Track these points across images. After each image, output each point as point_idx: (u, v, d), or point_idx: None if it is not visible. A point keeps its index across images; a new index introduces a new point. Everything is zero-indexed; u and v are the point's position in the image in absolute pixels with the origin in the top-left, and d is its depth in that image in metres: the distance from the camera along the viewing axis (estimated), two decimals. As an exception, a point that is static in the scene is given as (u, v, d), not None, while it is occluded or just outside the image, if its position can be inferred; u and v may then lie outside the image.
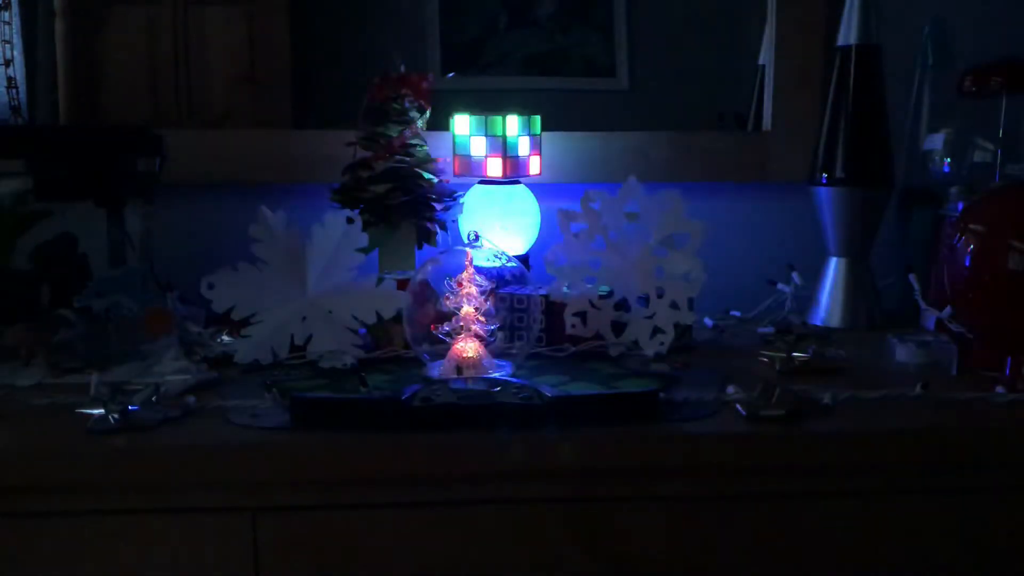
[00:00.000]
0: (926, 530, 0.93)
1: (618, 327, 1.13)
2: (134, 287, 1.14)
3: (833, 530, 0.92)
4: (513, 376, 1.02)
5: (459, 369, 1.02)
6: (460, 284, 1.02)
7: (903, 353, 1.12)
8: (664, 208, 1.12)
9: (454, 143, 1.30)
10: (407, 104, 1.28)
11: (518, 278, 1.08)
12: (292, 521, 0.89)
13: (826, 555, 0.93)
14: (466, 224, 1.30)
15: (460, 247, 1.06)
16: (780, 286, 1.34)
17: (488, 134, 1.27)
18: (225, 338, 1.15)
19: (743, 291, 1.36)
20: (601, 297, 1.13)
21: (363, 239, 1.09)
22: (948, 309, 1.12)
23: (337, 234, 1.08)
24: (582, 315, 1.13)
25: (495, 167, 1.28)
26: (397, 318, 1.08)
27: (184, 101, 1.45)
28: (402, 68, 1.28)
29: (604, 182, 1.24)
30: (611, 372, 1.07)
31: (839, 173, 1.28)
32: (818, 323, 1.31)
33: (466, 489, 0.90)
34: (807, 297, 1.34)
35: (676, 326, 1.12)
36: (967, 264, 1.05)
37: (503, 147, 1.27)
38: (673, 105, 1.52)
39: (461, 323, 1.02)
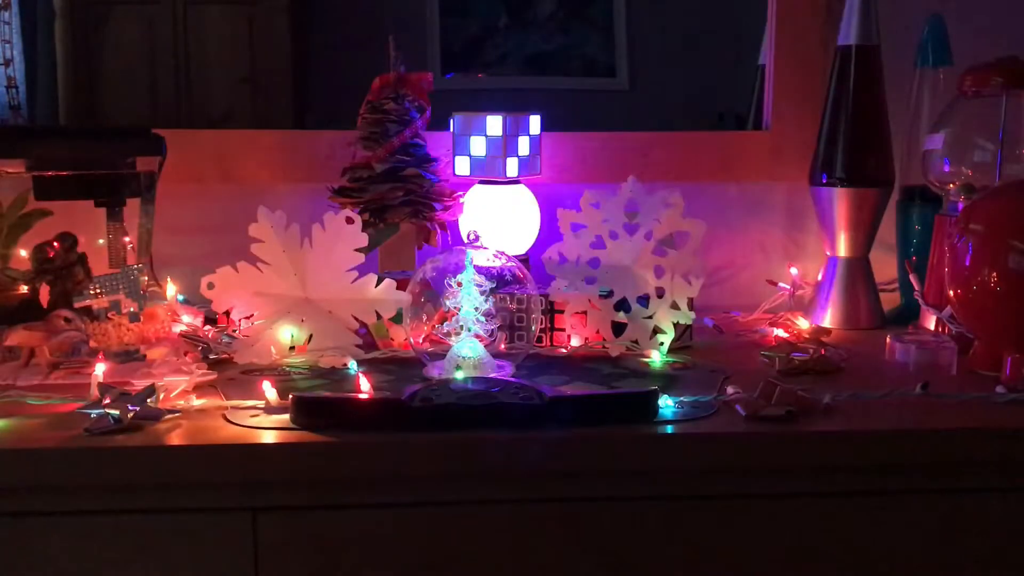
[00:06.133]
0: (926, 530, 0.93)
1: (618, 327, 1.13)
2: (134, 287, 1.14)
3: (833, 530, 0.92)
4: (513, 376, 1.02)
5: (459, 369, 1.02)
6: (460, 284, 1.02)
7: (903, 353, 1.12)
8: (664, 208, 1.12)
9: (454, 143, 1.30)
10: (407, 104, 1.28)
11: (518, 278, 1.08)
12: (292, 521, 0.89)
13: (826, 555, 0.93)
14: (466, 224, 1.30)
15: (460, 247, 1.06)
16: (780, 286, 1.34)
17: (488, 134, 1.27)
18: (225, 338, 1.15)
19: (743, 291, 1.36)
20: (601, 297, 1.13)
21: (363, 239, 1.09)
22: (948, 309, 1.12)
23: (337, 234, 1.08)
24: (582, 315, 1.13)
25: (496, 167, 1.28)
26: (397, 318, 1.08)
27: (184, 101, 1.45)
28: (402, 68, 1.28)
29: (604, 182, 1.24)
30: (611, 372, 1.07)
31: (839, 173, 1.28)
32: (818, 323, 1.31)
33: (466, 489, 0.90)
34: (807, 297, 1.34)
35: (676, 326, 1.12)
36: (967, 264, 1.05)
37: (503, 147, 1.27)
38: (673, 105, 1.53)
39: (461, 323, 1.02)
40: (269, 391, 0.94)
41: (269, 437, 0.88)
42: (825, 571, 0.93)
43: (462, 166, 1.30)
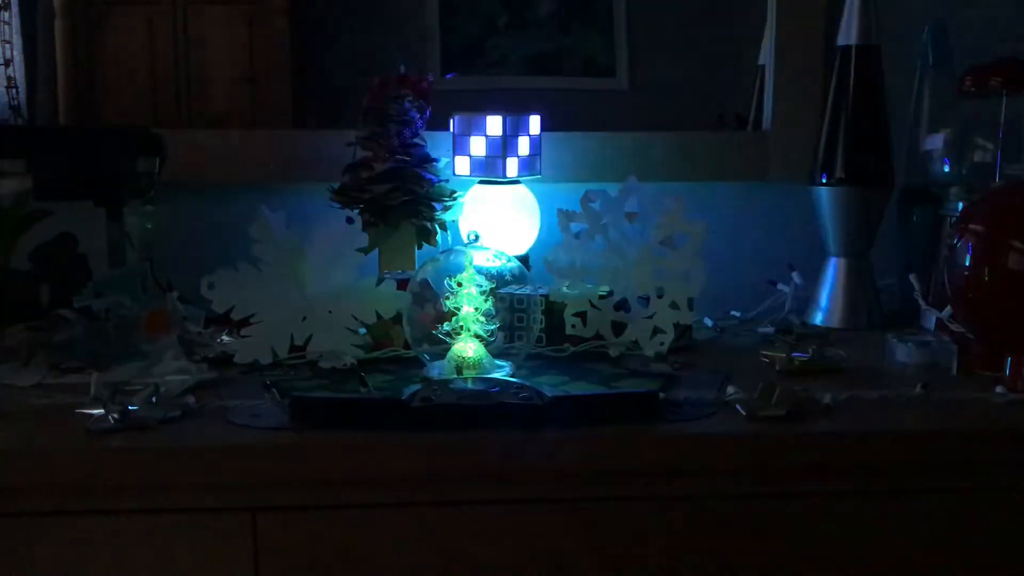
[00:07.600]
0: (926, 530, 0.93)
1: (618, 327, 1.13)
2: (134, 287, 1.14)
3: (833, 530, 0.92)
4: (513, 376, 1.02)
5: (459, 369, 1.02)
6: (460, 284, 1.02)
7: (903, 353, 1.12)
8: (664, 208, 1.12)
9: (454, 143, 1.30)
10: (407, 104, 1.28)
11: (518, 278, 1.08)
12: (292, 521, 0.89)
13: (826, 555, 0.93)
14: (466, 224, 1.29)
15: (460, 247, 1.06)
16: (780, 286, 1.34)
17: (488, 134, 1.27)
18: (225, 338, 1.15)
19: (743, 291, 1.36)
20: (601, 297, 1.13)
21: (363, 239, 1.09)
22: (948, 309, 1.12)
23: (337, 234, 1.08)
24: (582, 315, 1.13)
25: (496, 167, 1.28)
26: (397, 318, 1.08)
27: (184, 101, 1.45)
28: (402, 68, 1.28)
29: (604, 182, 1.24)
30: (611, 372, 1.07)
31: (839, 173, 1.28)
32: (818, 323, 1.31)
33: (466, 489, 0.90)
34: (807, 297, 1.34)
35: (676, 326, 1.12)
36: (967, 264, 1.05)
37: (503, 147, 1.27)
38: (673, 105, 1.52)
39: (461, 323, 1.02)
40: (269, 390, 0.94)
41: (269, 437, 0.88)
42: (826, 571, 0.93)
43: (462, 166, 1.30)
